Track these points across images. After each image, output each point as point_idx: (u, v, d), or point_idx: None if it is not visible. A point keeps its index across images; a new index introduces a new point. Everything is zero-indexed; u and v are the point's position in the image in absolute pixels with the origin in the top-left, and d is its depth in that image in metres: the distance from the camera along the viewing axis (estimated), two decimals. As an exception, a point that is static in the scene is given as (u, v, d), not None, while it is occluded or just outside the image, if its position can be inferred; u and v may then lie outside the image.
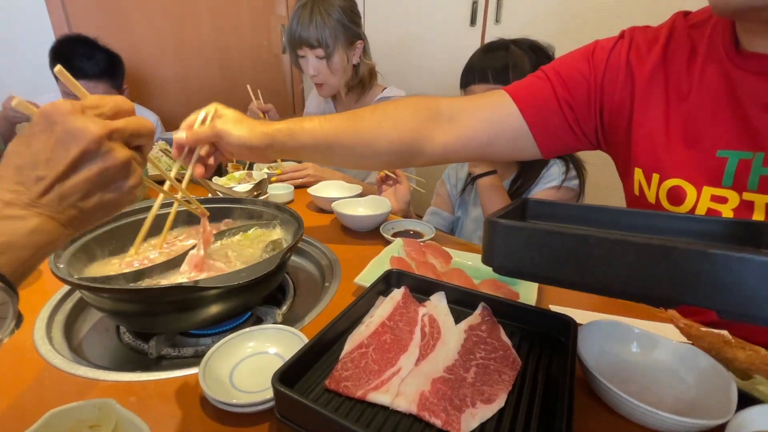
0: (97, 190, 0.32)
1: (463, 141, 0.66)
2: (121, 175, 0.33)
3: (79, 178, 0.30)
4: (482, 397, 0.38)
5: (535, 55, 0.92)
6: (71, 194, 0.31)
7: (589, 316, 0.56)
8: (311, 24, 1.15)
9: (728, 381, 0.39)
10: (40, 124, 0.30)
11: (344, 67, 1.24)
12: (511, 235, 0.32)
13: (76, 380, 0.44)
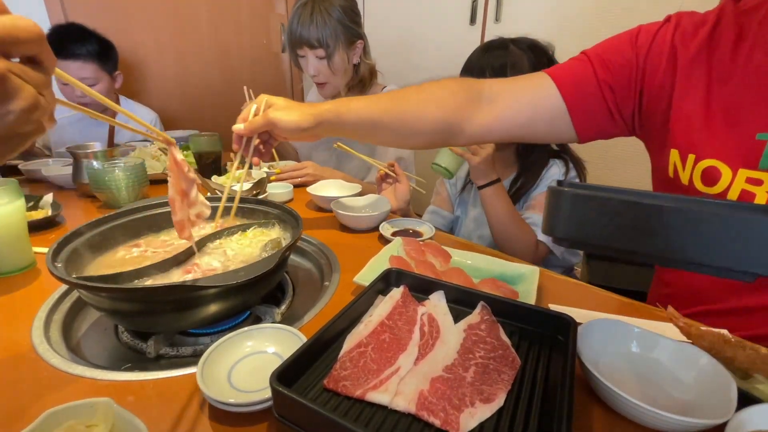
0: None
1: (502, 121, 0.67)
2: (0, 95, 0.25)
3: None
4: (481, 397, 0.37)
5: (534, 55, 0.92)
6: None
7: (588, 315, 0.56)
8: (312, 24, 1.14)
9: (728, 380, 0.39)
10: None
11: (345, 67, 1.24)
12: (577, 204, 0.29)
13: (74, 380, 0.44)
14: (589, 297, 0.64)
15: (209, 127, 1.93)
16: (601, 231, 0.29)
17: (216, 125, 2.22)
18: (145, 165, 1.04)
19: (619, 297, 0.64)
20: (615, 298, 0.64)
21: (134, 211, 0.66)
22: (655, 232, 0.27)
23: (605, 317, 0.49)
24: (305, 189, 1.03)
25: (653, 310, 0.59)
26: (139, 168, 0.99)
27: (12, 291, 0.61)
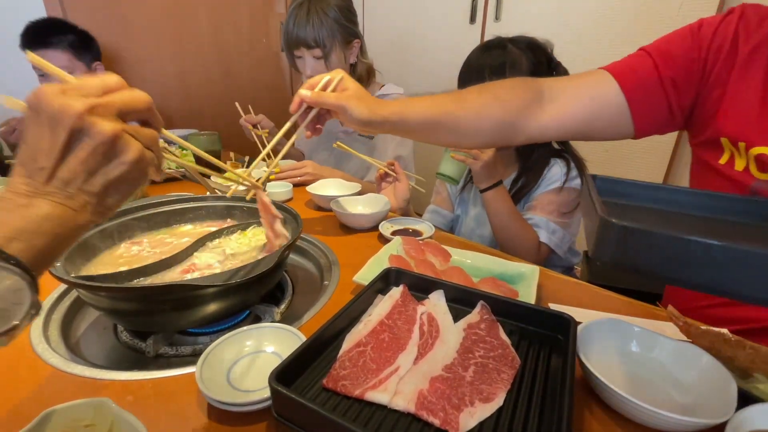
0: (98, 168, 0.31)
1: (562, 120, 0.67)
2: (115, 150, 0.31)
3: (74, 160, 0.30)
4: (481, 396, 0.37)
5: (533, 54, 0.92)
6: (73, 178, 0.30)
7: (588, 314, 0.56)
8: (308, 24, 1.14)
9: (728, 380, 0.39)
10: (29, 115, 0.30)
11: (342, 66, 1.23)
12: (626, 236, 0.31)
13: (73, 379, 0.44)
14: (589, 296, 0.64)
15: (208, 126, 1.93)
16: (647, 260, 0.31)
17: (215, 124, 2.22)
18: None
19: (619, 296, 0.64)
20: (615, 298, 0.64)
21: (133, 210, 0.66)
22: (701, 266, 0.29)
23: (605, 316, 0.49)
24: (305, 188, 1.03)
25: (653, 309, 0.59)
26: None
27: (11, 290, 0.61)
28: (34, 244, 0.29)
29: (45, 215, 0.29)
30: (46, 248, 0.29)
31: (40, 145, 0.30)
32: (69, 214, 0.30)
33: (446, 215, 1.14)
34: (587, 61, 1.52)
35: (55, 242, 0.30)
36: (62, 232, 0.30)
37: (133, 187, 0.34)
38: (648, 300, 0.62)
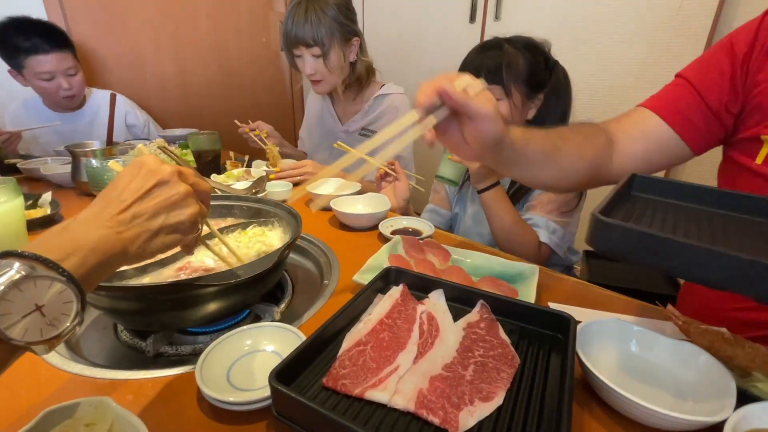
0: (163, 212, 0.39)
1: (626, 158, 0.68)
2: (183, 203, 0.40)
3: (151, 201, 0.38)
4: (480, 395, 0.37)
5: (530, 53, 0.92)
6: (143, 213, 0.37)
7: (588, 313, 0.56)
8: (306, 23, 1.14)
9: (727, 378, 0.39)
10: (131, 167, 0.40)
11: (341, 65, 1.23)
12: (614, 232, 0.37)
13: (73, 378, 0.44)
14: (588, 295, 0.64)
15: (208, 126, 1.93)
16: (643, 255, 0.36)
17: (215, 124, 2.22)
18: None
19: (619, 295, 0.64)
20: (615, 297, 0.64)
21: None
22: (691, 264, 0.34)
23: (605, 316, 0.49)
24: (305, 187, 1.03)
25: (653, 308, 0.59)
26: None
27: (11, 290, 0.61)
28: (86, 262, 0.32)
29: (102, 237, 0.34)
30: (95, 267, 0.33)
31: (130, 185, 0.38)
32: (122, 242, 0.36)
33: (444, 214, 1.14)
34: (587, 61, 1.52)
35: (103, 264, 0.34)
36: (110, 257, 0.34)
37: (177, 238, 0.41)
38: (647, 299, 0.62)
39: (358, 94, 1.34)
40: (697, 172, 1.39)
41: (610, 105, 1.49)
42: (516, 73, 0.89)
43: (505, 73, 0.88)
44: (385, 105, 1.30)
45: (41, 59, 1.38)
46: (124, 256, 0.36)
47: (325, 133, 1.44)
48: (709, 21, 1.25)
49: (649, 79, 1.40)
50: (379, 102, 1.32)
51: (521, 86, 0.90)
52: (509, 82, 0.89)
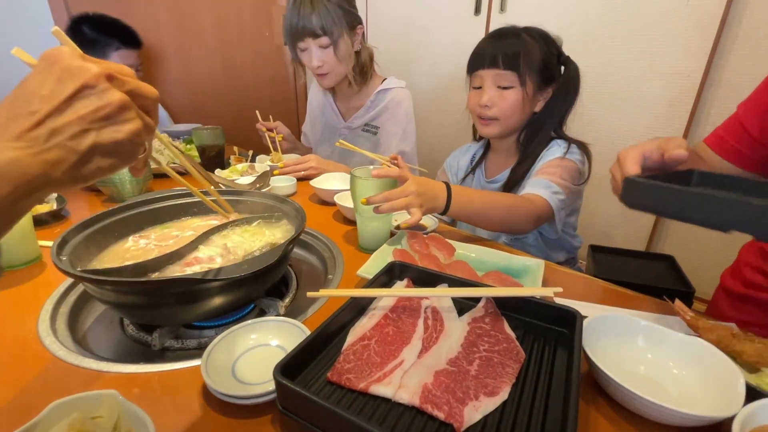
0: (92, 128, 0.30)
1: None
2: (118, 116, 0.31)
3: (73, 114, 0.29)
4: (485, 390, 0.37)
5: (546, 46, 0.90)
6: (63, 130, 0.29)
7: (594, 308, 0.56)
8: (313, 12, 1.11)
9: (736, 374, 0.38)
10: (39, 66, 0.30)
11: (350, 53, 1.21)
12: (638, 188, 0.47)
13: (80, 372, 0.44)
14: (594, 290, 0.64)
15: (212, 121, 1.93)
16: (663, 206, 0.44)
17: (219, 119, 2.22)
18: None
19: (625, 290, 0.63)
20: (621, 292, 0.63)
21: (138, 204, 0.66)
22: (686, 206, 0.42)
23: (611, 311, 0.49)
24: (308, 182, 1.03)
25: (660, 303, 0.59)
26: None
27: (18, 284, 0.62)
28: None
29: (13, 159, 0.27)
30: (9, 196, 0.27)
31: (40, 91, 0.29)
32: (41, 164, 0.28)
33: None
34: (593, 54, 1.49)
35: (20, 193, 0.28)
36: (28, 183, 0.28)
37: (117, 163, 0.33)
38: (654, 294, 0.61)
39: (363, 87, 1.32)
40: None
41: (617, 96, 1.47)
42: (531, 63, 0.88)
43: (522, 61, 0.87)
44: (387, 100, 1.29)
45: (128, 53, 1.57)
46: (47, 181, 0.29)
47: (327, 128, 1.43)
48: (720, 11, 1.23)
49: (657, 71, 1.37)
50: (381, 97, 1.30)
51: (534, 77, 0.90)
52: (525, 70, 0.88)
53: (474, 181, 1.11)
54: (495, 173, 1.06)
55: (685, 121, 1.36)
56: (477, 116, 0.98)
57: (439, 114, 2.07)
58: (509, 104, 0.92)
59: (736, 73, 1.26)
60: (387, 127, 1.29)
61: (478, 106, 0.95)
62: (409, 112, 1.30)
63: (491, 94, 0.92)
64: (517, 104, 0.92)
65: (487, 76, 0.92)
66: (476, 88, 0.96)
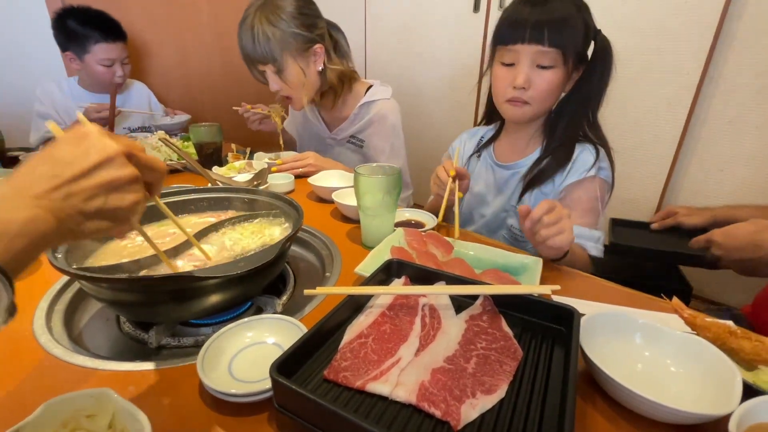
0: (102, 194, 0.34)
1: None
2: (126, 188, 0.35)
3: (90, 182, 0.33)
4: (482, 388, 0.37)
5: (584, 16, 0.78)
6: (78, 194, 0.33)
7: (592, 306, 0.56)
8: (254, 41, 1.06)
9: (733, 372, 0.38)
10: (68, 138, 0.34)
11: (301, 80, 1.13)
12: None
13: (76, 369, 0.44)
14: (592, 288, 0.64)
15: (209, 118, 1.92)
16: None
17: (216, 116, 2.21)
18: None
19: (623, 288, 0.63)
20: (619, 289, 0.63)
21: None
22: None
23: (609, 308, 0.49)
24: (306, 180, 1.03)
25: (658, 301, 0.59)
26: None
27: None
28: (12, 247, 0.29)
29: (30, 218, 0.30)
30: (23, 251, 0.30)
31: (66, 159, 0.33)
32: (52, 223, 0.31)
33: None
34: (593, 50, 1.49)
35: (32, 247, 0.30)
36: (41, 238, 0.31)
37: (111, 226, 0.36)
38: (653, 292, 0.61)
39: (336, 104, 1.26)
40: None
41: (617, 96, 1.47)
42: (576, 37, 0.77)
43: (568, 35, 0.75)
44: (373, 113, 1.21)
45: (108, 47, 1.54)
46: (56, 235, 0.32)
47: (312, 136, 1.39)
48: (719, 7, 1.22)
49: (655, 68, 1.37)
50: (365, 110, 1.22)
51: (575, 52, 0.78)
52: (570, 44, 0.76)
53: (479, 164, 1.00)
54: (510, 158, 0.94)
55: (683, 119, 1.36)
56: (505, 99, 0.84)
57: (439, 111, 2.06)
58: (548, 86, 0.80)
59: (736, 70, 1.26)
60: (373, 142, 1.23)
61: (509, 86, 0.81)
62: (396, 126, 1.22)
63: (529, 74, 0.79)
64: (556, 87, 0.80)
65: (526, 52, 0.77)
66: (506, 65, 0.82)
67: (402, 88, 2.14)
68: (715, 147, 1.35)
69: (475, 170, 1.01)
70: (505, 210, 0.94)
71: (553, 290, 0.47)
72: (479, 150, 1.01)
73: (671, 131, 1.39)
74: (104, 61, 1.54)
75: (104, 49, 1.52)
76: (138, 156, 0.37)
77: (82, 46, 1.50)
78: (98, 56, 1.52)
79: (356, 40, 2.25)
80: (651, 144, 1.44)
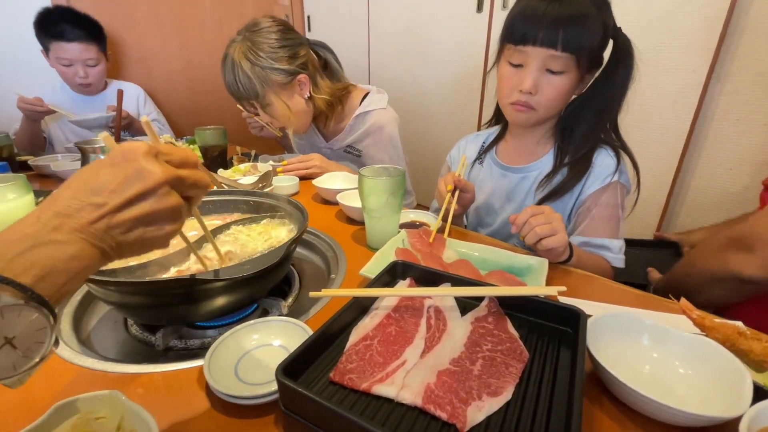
0: (142, 226, 0.33)
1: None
2: (167, 218, 0.35)
3: (132, 212, 0.32)
4: (489, 390, 0.37)
5: (604, 16, 0.73)
6: (119, 226, 0.32)
7: (598, 307, 0.55)
8: (236, 80, 1.07)
9: (743, 373, 0.38)
10: (116, 158, 0.33)
11: (287, 114, 1.14)
12: None
13: (84, 372, 0.45)
14: (599, 289, 0.63)
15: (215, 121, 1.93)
16: None
17: (221, 119, 2.23)
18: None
19: (631, 289, 0.63)
20: (625, 290, 0.63)
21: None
22: None
23: (616, 310, 0.48)
24: (311, 182, 1.03)
25: (665, 302, 0.58)
26: (146, 162, 0.99)
27: (23, 285, 0.62)
28: (57, 282, 0.28)
29: (75, 254, 0.30)
30: (65, 286, 0.29)
31: (108, 184, 0.32)
32: (95, 255, 0.31)
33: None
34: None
35: (74, 280, 0.30)
36: (83, 270, 0.31)
37: (148, 251, 0.36)
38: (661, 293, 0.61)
39: (329, 120, 1.25)
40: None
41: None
42: (590, 31, 0.71)
43: (582, 28, 0.70)
44: (369, 124, 1.20)
45: (63, 46, 1.50)
46: (94, 269, 0.32)
47: (311, 146, 1.39)
48: (726, 4, 1.21)
49: (661, 66, 1.36)
50: (361, 120, 1.21)
51: (588, 57, 0.73)
52: (585, 48, 0.71)
53: (483, 169, 0.95)
54: (517, 161, 0.89)
55: (690, 117, 1.35)
56: (510, 101, 0.79)
57: (443, 113, 2.06)
58: (557, 93, 0.75)
59: (743, 68, 1.24)
60: (371, 153, 1.23)
61: (515, 89, 0.77)
62: (393, 136, 1.21)
63: (537, 78, 0.74)
64: (566, 93, 0.76)
65: (536, 55, 0.72)
66: (515, 66, 0.77)
67: (405, 89, 2.14)
68: (723, 145, 1.34)
69: (478, 178, 0.96)
70: None
71: (559, 291, 0.46)
72: (481, 155, 0.96)
73: (677, 130, 1.38)
74: (62, 61, 1.53)
75: (60, 48, 1.50)
76: (184, 179, 0.35)
77: (44, 44, 1.51)
78: (56, 54, 1.51)
79: (360, 42, 2.26)
80: (657, 143, 1.43)
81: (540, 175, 0.85)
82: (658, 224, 1.51)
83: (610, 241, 0.78)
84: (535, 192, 0.86)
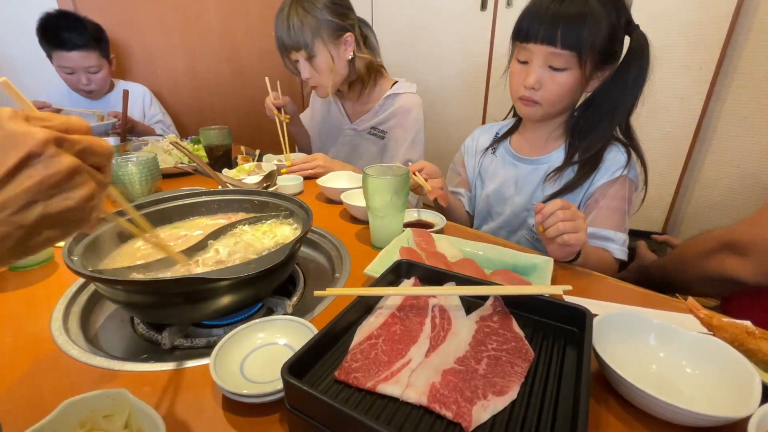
0: (39, 200, 0.28)
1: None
2: (68, 184, 0.28)
3: (17, 187, 0.27)
4: (494, 389, 0.37)
5: (615, 13, 0.73)
6: (6, 205, 0.27)
7: (604, 306, 0.55)
8: (288, 28, 1.11)
9: (751, 373, 0.37)
10: None
11: (330, 66, 1.17)
12: None
13: (92, 370, 0.45)
14: (605, 288, 0.63)
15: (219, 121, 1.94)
16: None
17: (225, 118, 2.23)
18: (158, 159, 1.05)
19: (637, 288, 0.62)
20: (632, 289, 0.62)
21: (147, 204, 0.67)
22: None
23: (622, 309, 0.48)
24: (315, 181, 1.03)
25: (672, 301, 0.58)
26: (152, 162, 1.00)
27: (31, 284, 0.63)
28: None
29: None
30: None
31: None
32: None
33: (466, 194, 1.06)
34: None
35: None
36: None
37: (67, 231, 0.30)
38: (667, 292, 0.60)
39: (364, 93, 1.29)
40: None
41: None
42: (596, 38, 0.72)
43: (586, 38, 0.72)
44: (396, 106, 1.25)
45: (64, 55, 1.50)
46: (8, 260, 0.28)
47: (333, 128, 1.43)
48: (733, 3, 1.20)
49: (667, 63, 1.35)
50: (390, 102, 1.26)
51: (595, 54, 0.74)
52: (587, 49, 0.73)
53: (496, 159, 0.97)
54: (530, 153, 0.92)
55: (697, 114, 1.33)
56: (518, 96, 0.84)
57: (447, 111, 2.06)
58: (560, 89, 0.78)
59: (751, 64, 1.23)
60: (395, 134, 1.27)
61: (521, 85, 0.81)
62: (419, 119, 1.26)
63: (540, 75, 0.78)
64: (569, 89, 0.78)
65: (538, 53, 0.76)
66: (522, 62, 0.81)
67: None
68: (731, 143, 1.32)
69: (490, 167, 0.99)
70: (526, 209, 0.92)
71: (565, 290, 0.46)
72: (494, 144, 0.99)
73: (685, 127, 1.37)
74: (64, 69, 1.54)
75: (61, 57, 1.51)
76: (71, 141, 0.29)
77: (47, 52, 1.52)
78: (58, 62, 1.53)
79: (363, 41, 2.26)
80: (664, 140, 1.42)
81: (549, 169, 0.87)
82: (664, 222, 1.49)
83: (615, 234, 0.79)
84: (544, 184, 0.88)
